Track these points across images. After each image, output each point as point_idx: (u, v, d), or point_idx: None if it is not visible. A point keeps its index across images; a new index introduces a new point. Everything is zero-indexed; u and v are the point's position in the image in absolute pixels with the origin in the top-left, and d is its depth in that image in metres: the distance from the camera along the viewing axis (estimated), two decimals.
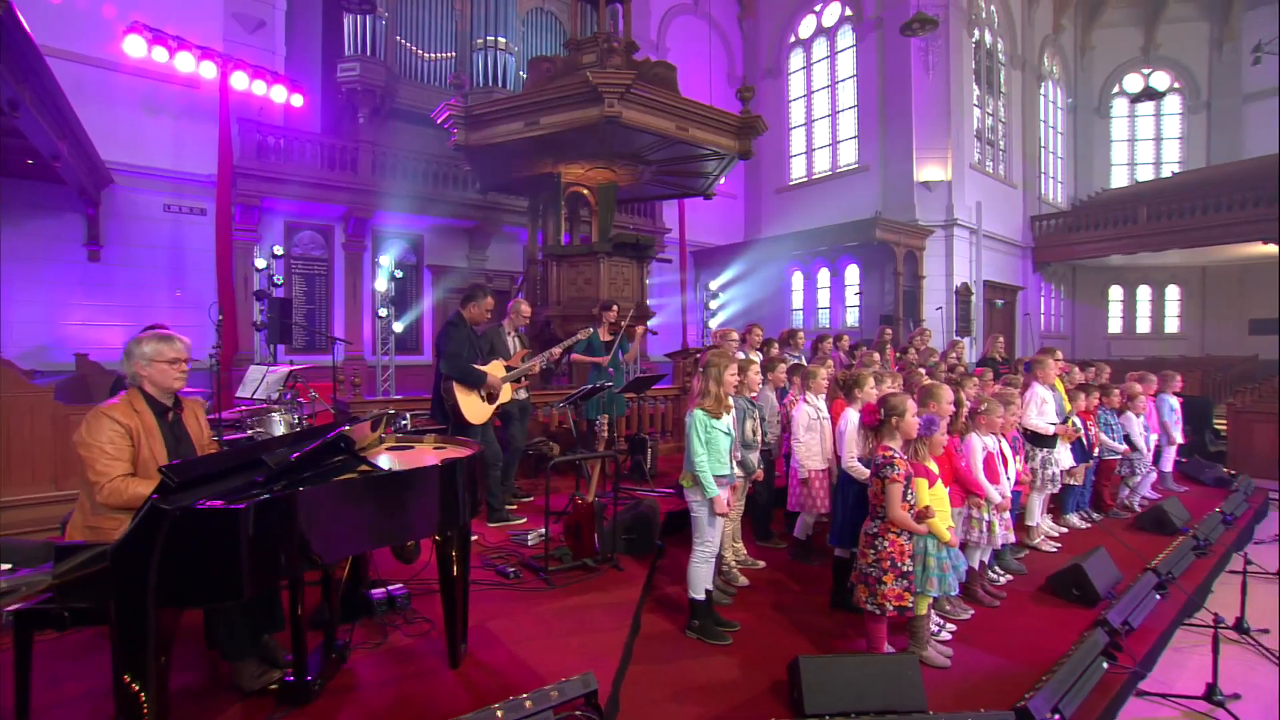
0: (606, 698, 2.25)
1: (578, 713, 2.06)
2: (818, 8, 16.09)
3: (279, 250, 8.94)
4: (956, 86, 13.98)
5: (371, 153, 11.04)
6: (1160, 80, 18.31)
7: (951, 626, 3.19)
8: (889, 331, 7.66)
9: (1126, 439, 5.55)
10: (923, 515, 2.68)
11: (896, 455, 2.63)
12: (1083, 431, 4.97)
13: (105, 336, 9.38)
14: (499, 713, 1.93)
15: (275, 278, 8.95)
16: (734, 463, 3.41)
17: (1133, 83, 18.27)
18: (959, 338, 7.71)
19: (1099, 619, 3.08)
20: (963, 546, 3.60)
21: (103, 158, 9.09)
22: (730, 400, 3.15)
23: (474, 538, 4.14)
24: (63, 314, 9.52)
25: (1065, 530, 4.96)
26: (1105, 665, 2.76)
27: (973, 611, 3.39)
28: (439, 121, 8.25)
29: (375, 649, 2.65)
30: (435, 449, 2.75)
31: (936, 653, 2.85)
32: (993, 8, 15.42)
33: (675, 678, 2.72)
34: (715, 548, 3.10)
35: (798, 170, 17.01)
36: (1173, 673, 3.24)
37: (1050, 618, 3.41)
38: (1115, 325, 18.45)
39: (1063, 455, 4.77)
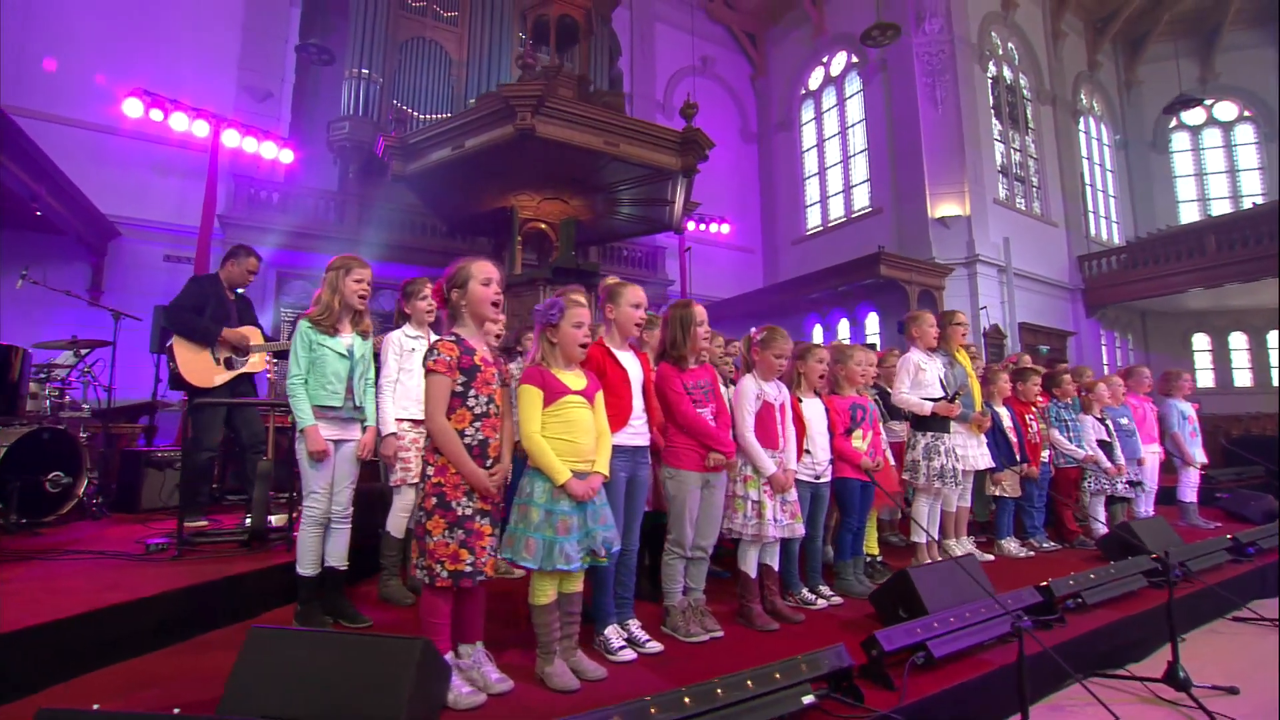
0: None
1: None
2: (825, 59, 15.97)
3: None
4: (971, 121, 13.13)
5: (358, 206, 11.47)
6: (1227, 110, 16.67)
7: (655, 646, 2.18)
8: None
9: (1103, 446, 4.26)
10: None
11: (450, 339, 1.84)
12: (1008, 423, 3.81)
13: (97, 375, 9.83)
14: None
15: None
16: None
17: (1192, 115, 16.66)
18: None
19: (871, 638, 2.01)
20: (736, 541, 2.63)
21: (112, 213, 9.89)
22: (371, 324, 2.49)
23: (202, 522, 3.55)
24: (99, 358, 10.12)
25: (991, 559, 3.70)
26: (808, 700, 1.69)
27: (721, 633, 2.35)
28: (379, 155, 8.37)
29: None
30: None
31: (566, 671, 1.89)
32: (1010, 45, 14.69)
33: (187, 665, 1.95)
34: (323, 506, 2.33)
35: (813, 220, 16.39)
36: None
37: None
38: (1205, 378, 15.83)
39: (972, 451, 3.63)
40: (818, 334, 15.41)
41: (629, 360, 2.28)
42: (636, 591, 2.71)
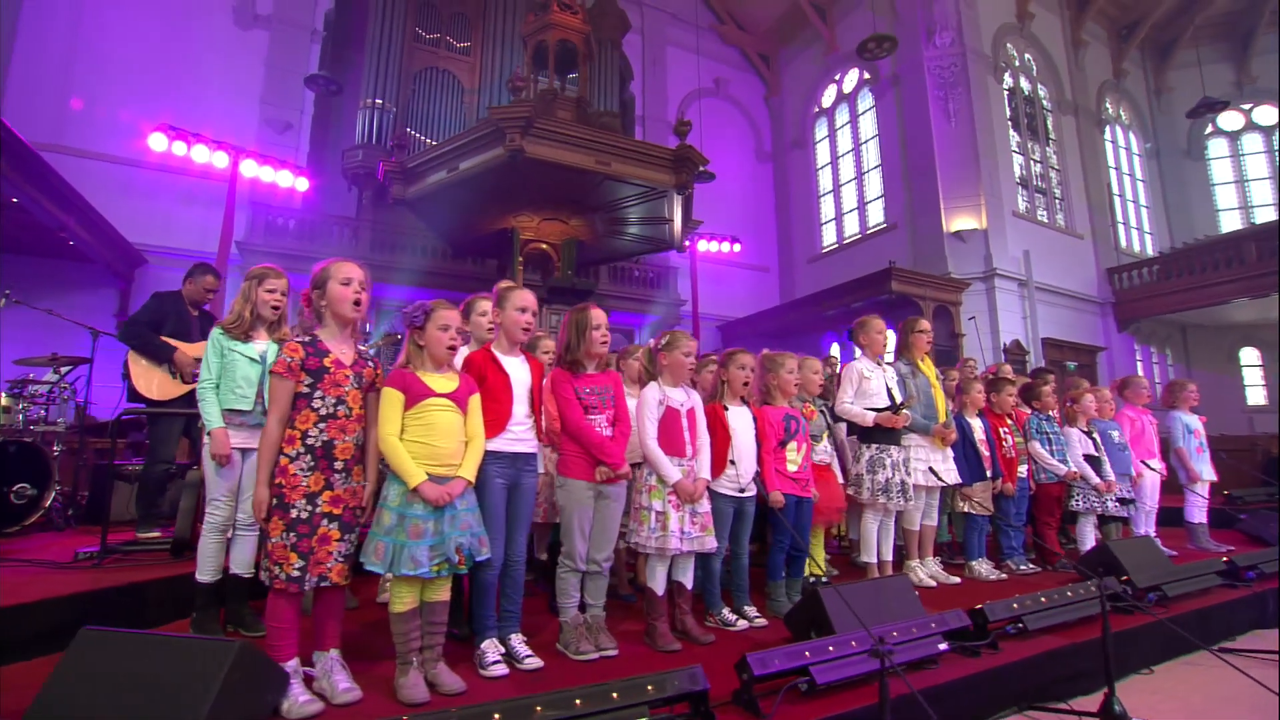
0: None
1: None
2: (837, 76, 15.90)
3: None
4: (986, 133, 12.85)
5: (371, 230, 11.80)
6: (1268, 114, 15.95)
7: (534, 663, 2.09)
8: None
9: (1091, 461, 4.01)
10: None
11: (301, 340, 1.83)
12: (980, 436, 3.62)
13: (114, 395, 10.29)
14: None
15: None
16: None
17: (1230, 120, 16.02)
18: None
19: (742, 660, 1.88)
20: (638, 555, 2.53)
21: (138, 241, 10.43)
22: (289, 333, 2.51)
23: (155, 533, 3.60)
24: (81, 374, 10.63)
25: (956, 581, 3.49)
26: None
27: (614, 652, 2.25)
28: (380, 179, 8.61)
29: None
30: None
31: (420, 683, 1.82)
32: (1028, 56, 14.39)
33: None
34: (225, 513, 2.32)
35: (829, 237, 16.20)
36: None
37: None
38: (1256, 395, 14.95)
39: (937, 465, 3.45)
40: (834, 352, 15.11)
41: (514, 365, 2.23)
42: (550, 606, 2.62)
